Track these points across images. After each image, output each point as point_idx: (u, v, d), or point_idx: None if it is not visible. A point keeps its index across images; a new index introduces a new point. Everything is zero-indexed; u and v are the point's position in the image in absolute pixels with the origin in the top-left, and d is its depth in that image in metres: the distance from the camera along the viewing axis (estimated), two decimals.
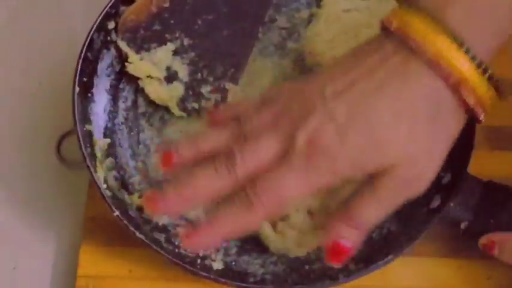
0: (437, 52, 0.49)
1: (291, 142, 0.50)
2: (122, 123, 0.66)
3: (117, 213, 0.58)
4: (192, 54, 0.66)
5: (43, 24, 0.76)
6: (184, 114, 0.67)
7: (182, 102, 0.67)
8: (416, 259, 0.63)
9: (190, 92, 0.67)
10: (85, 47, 0.62)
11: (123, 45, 0.65)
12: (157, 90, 0.66)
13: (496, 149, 0.69)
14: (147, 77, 0.66)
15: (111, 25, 0.64)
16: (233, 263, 0.62)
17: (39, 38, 0.76)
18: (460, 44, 0.49)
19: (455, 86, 0.49)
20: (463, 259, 0.64)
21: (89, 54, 0.63)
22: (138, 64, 0.65)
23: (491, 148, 0.69)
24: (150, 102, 0.67)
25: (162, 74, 0.66)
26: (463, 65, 0.49)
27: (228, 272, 0.61)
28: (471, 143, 0.61)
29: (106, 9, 0.64)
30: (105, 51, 0.65)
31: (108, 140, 0.64)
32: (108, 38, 0.64)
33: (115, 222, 0.59)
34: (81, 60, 0.62)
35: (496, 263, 0.60)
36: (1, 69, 0.74)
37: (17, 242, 0.67)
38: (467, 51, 0.49)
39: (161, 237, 0.61)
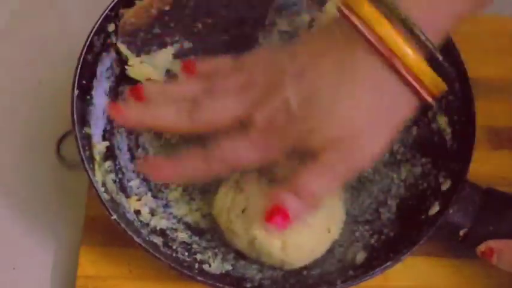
0: (384, 35, 0.50)
1: (251, 118, 0.54)
2: (121, 126, 0.66)
3: (114, 216, 0.58)
4: (192, 57, 0.66)
5: (43, 24, 0.76)
6: None
7: None
8: (415, 259, 0.63)
9: None
10: (85, 50, 0.62)
11: (123, 48, 0.64)
12: None
13: (496, 149, 0.69)
14: (147, 80, 0.65)
15: (111, 28, 0.64)
16: (231, 268, 0.62)
17: (39, 38, 0.75)
18: (411, 26, 0.50)
19: (400, 69, 0.50)
20: (462, 258, 0.64)
21: (88, 57, 0.62)
22: (138, 67, 0.65)
23: (491, 148, 0.69)
24: None
25: (162, 77, 0.66)
26: (408, 50, 0.50)
27: (226, 277, 0.61)
28: (470, 152, 0.61)
29: (106, 11, 0.63)
30: (104, 53, 0.64)
31: (106, 143, 0.64)
32: (108, 41, 0.64)
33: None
34: (80, 63, 0.62)
35: None
36: (1, 69, 0.74)
37: (17, 242, 0.67)
38: (417, 34, 0.50)
39: (159, 241, 0.61)
